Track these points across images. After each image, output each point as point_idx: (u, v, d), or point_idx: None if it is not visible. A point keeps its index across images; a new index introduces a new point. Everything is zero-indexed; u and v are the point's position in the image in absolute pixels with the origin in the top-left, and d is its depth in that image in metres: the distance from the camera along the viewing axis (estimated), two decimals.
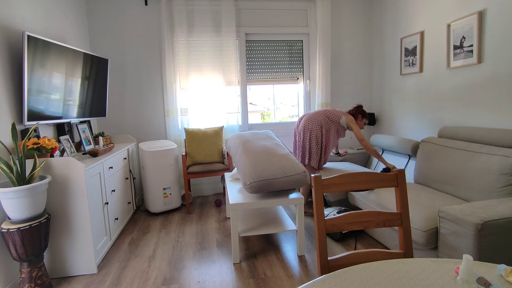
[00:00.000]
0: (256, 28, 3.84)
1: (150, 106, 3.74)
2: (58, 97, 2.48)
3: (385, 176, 1.19)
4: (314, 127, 2.95)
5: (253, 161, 2.33)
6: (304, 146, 3.01)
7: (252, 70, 3.95)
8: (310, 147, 2.98)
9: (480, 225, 1.56)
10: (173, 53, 3.61)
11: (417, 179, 2.72)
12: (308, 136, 2.98)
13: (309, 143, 2.98)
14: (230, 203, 2.23)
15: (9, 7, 2.18)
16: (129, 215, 3.16)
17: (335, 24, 4.02)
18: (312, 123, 2.97)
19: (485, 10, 2.41)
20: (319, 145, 2.97)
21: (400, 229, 1.19)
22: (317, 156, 2.98)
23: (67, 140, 2.60)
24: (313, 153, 2.98)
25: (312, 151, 2.98)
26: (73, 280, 2.14)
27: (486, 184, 2.07)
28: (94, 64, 3.00)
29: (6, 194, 1.75)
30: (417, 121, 3.31)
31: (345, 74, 4.13)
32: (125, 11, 3.57)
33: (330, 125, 2.96)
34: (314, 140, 2.96)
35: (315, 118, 2.98)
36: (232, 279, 2.07)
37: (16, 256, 1.83)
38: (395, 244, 2.27)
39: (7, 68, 2.11)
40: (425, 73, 3.13)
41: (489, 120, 2.45)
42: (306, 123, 3.00)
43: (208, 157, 3.47)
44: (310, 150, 2.99)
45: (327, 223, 1.14)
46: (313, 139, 2.96)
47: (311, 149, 2.98)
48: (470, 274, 0.78)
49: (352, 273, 0.91)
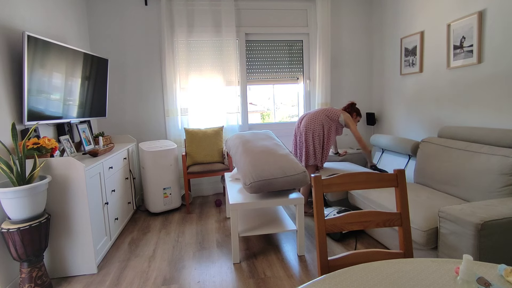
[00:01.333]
0: (256, 28, 3.84)
1: (150, 106, 3.74)
2: (58, 97, 2.48)
3: (385, 176, 1.19)
4: (316, 127, 2.98)
5: (253, 161, 2.33)
6: (308, 147, 3.02)
7: (252, 70, 3.95)
8: (314, 147, 3.00)
9: (480, 225, 1.56)
10: (173, 53, 3.61)
11: (417, 179, 2.72)
12: (311, 136, 2.99)
13: (312, 143, 3.00)
14: (230, 203, 2.23)
15: (9, 7, 2.18)
16: (129, 215, 3.16)
17: (335, 24, 4.02)
18: (314, 123, 2.99)
19: (485, 10, 2.41)
20: (321, 144, 3.00)
21: (400, 229, 1.19)
22: (320, 155, 3.01)
23: (67, 140, 2.60)
24: (317, 153, 3.01)
25: (316, 151, 3.01)
26: (73, 280, 2.14)
27: (486, 184, 2.07)
28: (94, 64, 3.00)
29: (6, 194, 1.75)
30: (417, 121, 3.31)
31: (345, 74, 4.13)
32: (125, 11, 3.57)
33: (330, 124, 3.00)
34: (317, 139, 2.98)
35: (316, 117, 3.00)
36: (232, 279, 2.07)
37: (16, 256, 1.82)
38: (395, 244, 2.27)
39: (7, 68, 2.11)
40: (425, 73, 3.13)
41: (489, 120, 2.45)
42: (308, 124, 3.01)
43: (208, 157, 3.47)
44: (314, 150, 3.01)
45: (327, 223, 1.14)
46: (316, 139, 2.98)
47: (315, 148, 3.00)
48: (470, 274, 0.78)
49: (352, 273, 0.91)
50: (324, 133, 2.99)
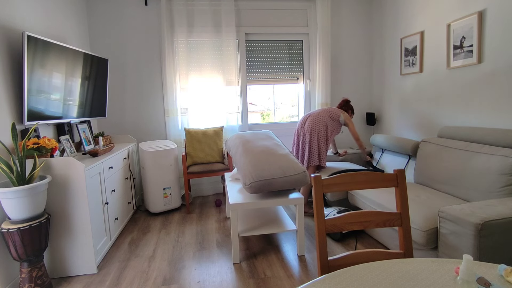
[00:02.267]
0: (256, 28, 3.84)
1: (150, 106, 3.74)
2: (58, 97, 2.48)
3: (385, 176, 1.19)
4: (321, 128, 3.02)
5: (253, 161, 2.33)
6: (312, 147, 3.04)
7: (252, 70, 3.95)
8: (319, 147, 3.02)
9: (480, 225, 1.56)
10: (173, 53, 3.61)
11: (417, 179, 2.72)
12: (316, 137, 3.02)
13: (317, 144, 3.02)
14: (230, 203, 2.23)
15: (9, 7, 2.18)
16: (129, 215, 3.15)
17: (335, 24, 4.02)
18: (319, 124, 3.02)
19: (485, 10, 2.41)
20: (324, 144, 3.05)
21: (400, 229, 1.19)
22: (322, 153, 3.05)
23: (67, 140, 2.60)
24: (321, 153, 3.03)
25: (321, 151, 3.03)
26: (73, 280, 2.14)
27: (486, 184, 2.07)
28: (94, 64, 3.00)
29: (6, 194, 1.75)
30: (417, 121, 3.31)
31: (345, 74, 4.13)
32: (125, 11, 3.57)
33: (333, 124, 3.06)
34: (322, 140, 3.02)
35: (321, 118, 3.04)
36: (232, 279, 2.07)
37: (16, 256, 1.82)
38: (395, 244, 2.27)
39: (7, 68, 2.11)
40: (425, 73, 3.13)
41: (489, 120, 2.45)
42: (313, 124, 3.04)
43: (208, 157, 3.47)
44: (319, 150, 3.02)
45: (327, 223, 1.14)
46: (322, 139, 3.02)
47: (320, 149, 3.02)
48: (470, 274, 0.78)
49: (352, 273, 0.91)
50: (327, 134, 3.03)
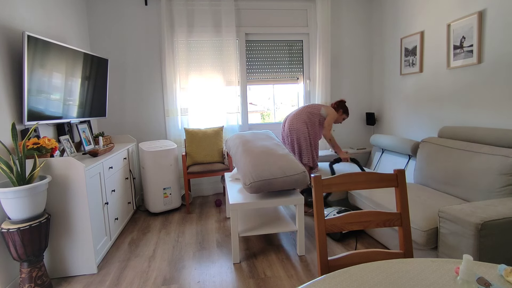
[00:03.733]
0: (256, 28, 3.84)
1: (150, 106, 3.74)
2: (58, 97, 2.48)
3: (385, 176, 1.19)
4: (300, 126, 2.99)
5: (253, 161, 2.33)
6: (293, 147, 3.04)
7: (252, 70, 3.95)
8: (300, 146, 3.01)
9: (480, 225, 1.56)
10: (173, 53, 3.61)
11: (417, 179, 2.71)
12: (295, 136, 3.01)
13: (297, 143, 3.01)
14: (230, 203, 2.23)
15: (9, 7, 2.18)
16: (129, 215, 3.15)
17: (335, 24, 4.02)
18: (297, 123, 3.00)
19: (485, 10, 2.41)
20: (308, 142, 3.01)
21: (400, 229, 1.19)
22: (308, 153, 3.01)
23: (67, 140, 2.60)
24: (303, 151, 3.01)
25: (303, 149, 3.01)
26: (73, 280, 2.14)
27: (486, 184, 2.07)
28: (94, 64, 3.00)
29: (6, 194, 1.75)
30: (417, 121, 3.31)
31: (345, 74, 4.13)
32: (125, 11, 3.57)
33: (313, 119, 3.02)
34: (302, 138, 2.99)
35: (298, 117, 3.03)
36: (232, 279, 2.07)
37: (16, 256, 1.82)
38: (395, 244, 2.27)
39: (7, 68, 2.11)
40: (425, 73, 3.13)
41: (489, 120, 2.45)
42: (291, 124, 3.04)
43: (208, 157, 3.47)
44: (300, 149, 3.02)
45: (327, 223, 1.14)
46: (302, 138, 2.99)
47: (301, 147, 3.01)
48: (470, 274, 0.78)
49: (352, 273, 0.91)
50: (308, 130, 2.99)
